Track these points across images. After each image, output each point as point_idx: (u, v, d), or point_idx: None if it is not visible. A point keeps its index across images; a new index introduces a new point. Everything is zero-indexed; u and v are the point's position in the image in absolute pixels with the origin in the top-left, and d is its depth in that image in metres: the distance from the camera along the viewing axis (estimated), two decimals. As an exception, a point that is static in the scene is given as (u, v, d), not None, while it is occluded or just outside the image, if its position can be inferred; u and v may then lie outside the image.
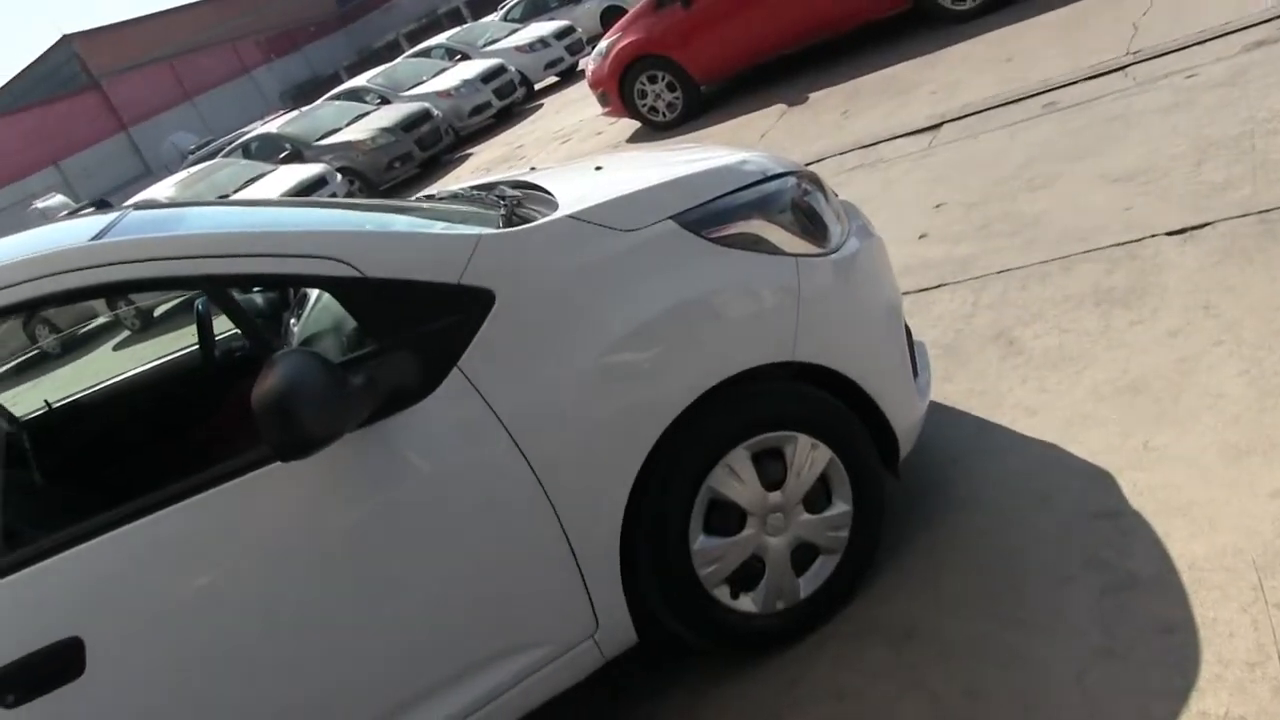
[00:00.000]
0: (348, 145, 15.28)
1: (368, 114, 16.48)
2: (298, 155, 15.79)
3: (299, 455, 2.02)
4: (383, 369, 2.20)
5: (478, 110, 16.51)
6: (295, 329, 3.01)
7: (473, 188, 3.21)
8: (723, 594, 2.58)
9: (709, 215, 2.56)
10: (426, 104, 16.05)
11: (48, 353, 14.47)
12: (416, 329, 2.25)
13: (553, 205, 2.68)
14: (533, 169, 3.47)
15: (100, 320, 14.71)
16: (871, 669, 2.50)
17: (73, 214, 18.12)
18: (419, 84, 17.59)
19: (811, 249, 2.64)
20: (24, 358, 14.33)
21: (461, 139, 16.51)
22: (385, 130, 15.15)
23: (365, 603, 2.25)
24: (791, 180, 2.79)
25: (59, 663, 2.09)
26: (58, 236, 2.71)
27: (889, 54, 8.36)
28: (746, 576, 2.61)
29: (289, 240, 2.29)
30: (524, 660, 2.39)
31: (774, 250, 2.59)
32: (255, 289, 2.77)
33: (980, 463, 3.03)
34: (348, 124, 16.15)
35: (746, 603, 2.61)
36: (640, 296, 2.40)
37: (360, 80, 19.26)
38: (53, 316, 14.31)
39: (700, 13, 9.33)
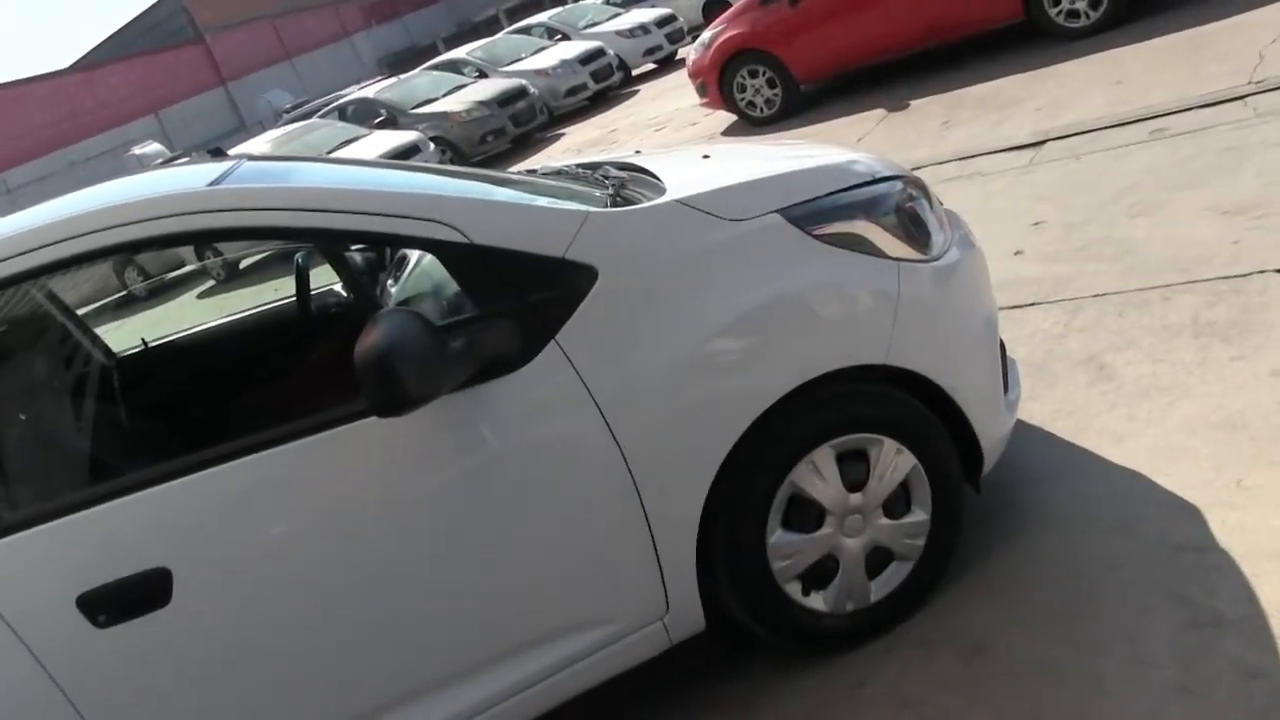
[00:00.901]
0: (443, 115, 15.44)
1: (465, 86, 16.64)
2: (393, 121, 16.00)
3: (395, 413, 2.06)
4: (482, 335, 2.23)
5: (573, 91, 16.57)
6: (393, 290, 3.07)
7: (578, 166, 3.23)
8: (794, 590, 2.58)
9: (815, 212, 2.55)
10: (523, 81, 16.16)
11: (135, 296, 14.86)
12: (518, 299, 2.28)
13: (659, 190, 2.69)
14: (637, 152, 3.48)
15: (187, 269, 15.08)
16: (938, 680, 2.49)
17: (168, 162, 18.57)
18: (517, 60, 17.71)
19: (913, 254, 2.62)
20: (113, 299, 14.72)
21: (555, 118, 16.60)
22: (481, 104, 15.28)
23: (443, 564, 2.29)
24: (899, 184, 2.77)
25: (147, 590, 2.16)
26: (175, 181, 2.78)
27: (996, 66, 8.24)
28: (819, 575, 2.61)
29: (400, 201, 2.33)
30: (593, 636, 2.42)
31: (876, 252, 2.57)
32: (361, 246, 2.82)
33: (1063, 485, 2.99)
34: (444, 94, 16.31)
35: (817, 601, 2.61)
36: (741, 287, 2.40)
37: (459, 52, 19.43)
38: (144, 262, 14.71)
39: (807, 11, 9.27)
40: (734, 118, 10.44)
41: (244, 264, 13.99)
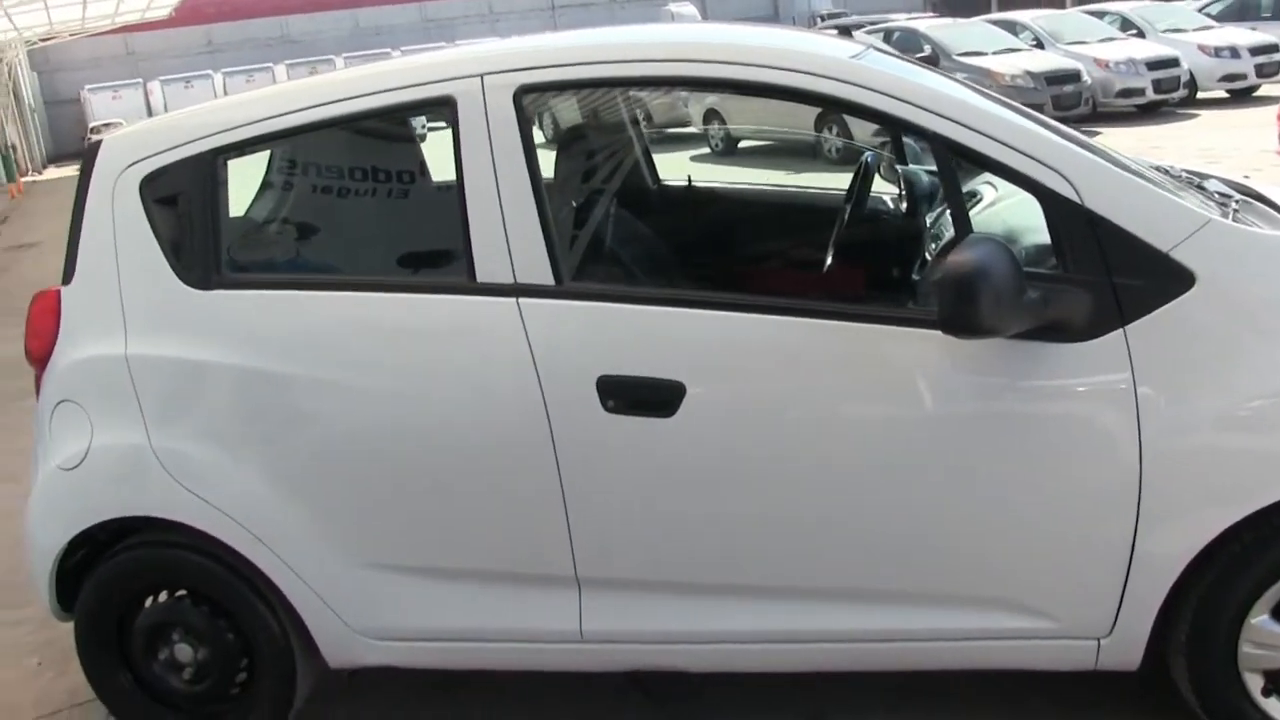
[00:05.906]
0: (985, 72, 14.96)
1: (1017, 51, 16.05)
2: (934, 61, 15.69)
3: (960, 334, 2.10)
4: (1059, 296, 2.19)
5: (1127, 93, 15.43)
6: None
7: (1184, 170, 3.04)
8: (1253, 682, 2.35)
9: None
10: (1080, 65, 15.28)
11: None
12: (1104, 275, 2.20)
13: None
14: (1246, 177, 3.21)
15: (688, 129, 15.87)
16: None
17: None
18: (1080, 43, 16.71)
19: None
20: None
21: (1096, 114, 15.61)
22: (1029, 74, 14.69)
23: (927, 490, 2.32)
24: None
25: (660, 396, 2.35)
26: (816, 44, 2.91)
27: None
28: (1289, 684, 2.38)
29: (1028, 138, 2.33)
30: (1024, 622, 2.36)
31: None
32: (966, 164, 2.82)
33: None
34: (994, 52, 15.83)
35: (1274, 706, 2.37)
36: (1345, 353, 2.19)
37: (1023, 15, 18.62)
38: (654, 111, 15.61)
39: None
40: (1305, 178, 9.35)
41: (742, 144, 14.48)
